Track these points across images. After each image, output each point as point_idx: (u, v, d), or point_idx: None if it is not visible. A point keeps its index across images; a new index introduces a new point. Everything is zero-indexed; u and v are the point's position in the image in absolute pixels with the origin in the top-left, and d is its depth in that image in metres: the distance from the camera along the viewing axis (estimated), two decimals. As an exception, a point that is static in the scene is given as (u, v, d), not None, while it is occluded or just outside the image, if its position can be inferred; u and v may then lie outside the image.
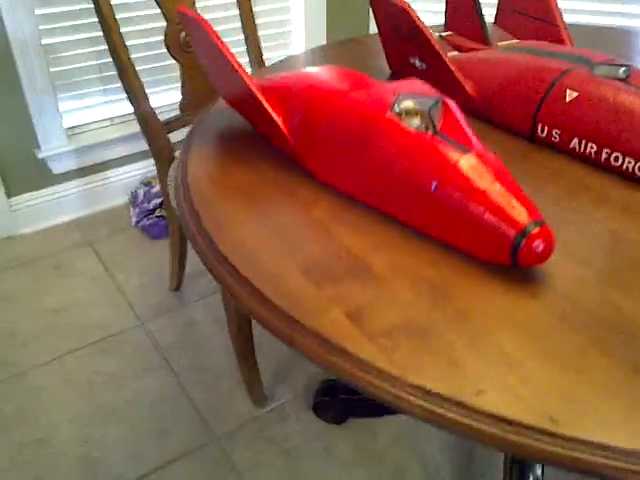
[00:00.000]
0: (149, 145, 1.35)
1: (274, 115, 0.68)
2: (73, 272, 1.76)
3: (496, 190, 0.53)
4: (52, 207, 1.93)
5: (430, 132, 0.58)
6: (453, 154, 0.55)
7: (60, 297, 1.67)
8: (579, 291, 0.51)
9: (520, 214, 0.51)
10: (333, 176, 0.65)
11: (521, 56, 0.79)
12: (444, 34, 0.98)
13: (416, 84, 0.66)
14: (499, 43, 0.92)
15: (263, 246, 0.57)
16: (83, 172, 1.94)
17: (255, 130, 0.77)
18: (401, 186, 0.58)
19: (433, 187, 0.55)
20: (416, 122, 0.60)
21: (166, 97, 1.91)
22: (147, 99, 1.29)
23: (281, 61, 1.06)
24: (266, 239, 0.58)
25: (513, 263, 0.51)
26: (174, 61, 1.34)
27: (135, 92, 1.28)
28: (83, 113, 1.87)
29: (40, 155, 1.82)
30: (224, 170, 0.70)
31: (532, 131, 0.73)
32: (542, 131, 0.71)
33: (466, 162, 0.55)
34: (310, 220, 0.61)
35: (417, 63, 0.87)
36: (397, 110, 0.61)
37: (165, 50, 1.31)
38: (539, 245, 0.50)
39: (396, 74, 0.93)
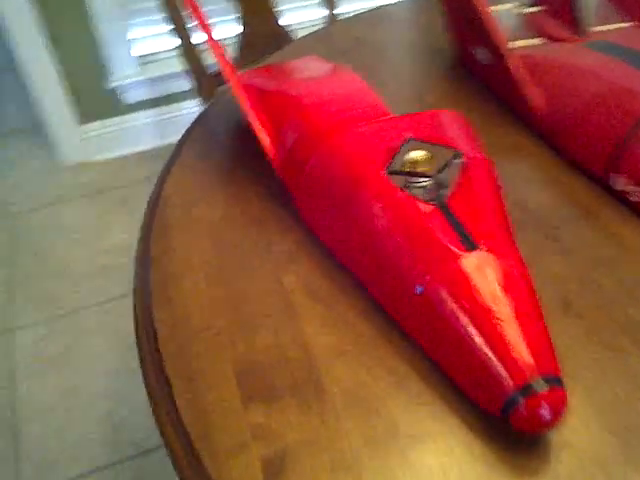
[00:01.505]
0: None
1: (260, 133, 0.54)
2: (139, 208, 1.72)
3: (504, 314, 0.37)
4: (122, 137, 1.87)
5: (434, 204, 0.42)
6: (455, 247, 0.40)
7: (121, 236, 1.64)
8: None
9: (528, 362, 0.36)
10: (315, 223, 0.51)
11: (615, 63, 0.59)
12: (531, 9, 0.77)
13: (444, 123, 0.49)
14: (595, 29, 0.71)
15: (203, 313, 0.45)
16: (154, 103, 1.86)
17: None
18: (382, 268, 0.43)
19: (418, 290, 0.40)
20: (422, 183, 0.44)
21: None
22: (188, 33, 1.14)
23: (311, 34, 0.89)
24: (213, 308, 0.46)
25: (505, 420, 0.37)
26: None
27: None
28: (154, 41, 1.77)
29: (111, 84, 1.75)
30: (195, 200, 0.57)
31: (604, 179, 0.55)
32: (616, 183, 0.53)
33: (470, 263, 0.39)
34: (276, 290, 0.48)
35: (479, 55, 0.69)
36: (399, 162, 0.45)
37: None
38: (544, 411, 0.35)
39: (461, 62, 0.75)
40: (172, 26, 1.14)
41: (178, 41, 1.12)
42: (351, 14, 0.90)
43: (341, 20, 0.90)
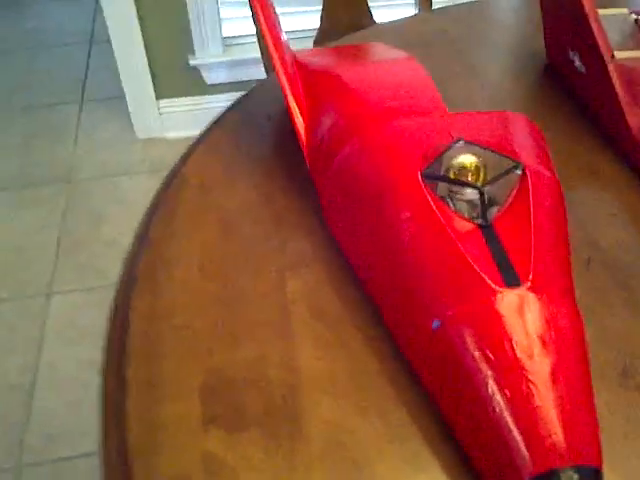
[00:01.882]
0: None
1: (297, 117, 0.47)
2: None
3: (539, 376, 0.29)
4: (197, 117, 1.84)
5: (476, 223, 0.34)
6: (491, 279, 0.31)
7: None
8: None
9: (559, 444, 0.27)
10: (336, 226, 0.43)
11: None
12: (643, 18, 0.67)
13: (509, 127, 0.41)
14: None
15: (187, 309, 0.39)
16: (234, 87, 1.82)
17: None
18: (400, 291, 0.35)
19: (434, 325, 0.32)
20: (468, 194, 0.36)
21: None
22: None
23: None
24: (200, 304, 0.39)
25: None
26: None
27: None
28: (243, 23, 1.73)
29: (193, 62, 1.73)
30: (212, 185, 0.50)
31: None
32: None
33: (507, 302, 0.31)
34: (277, 295, 0.40)
35: (577, 62, 0.59)
36: (443, 166, 0.37)
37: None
38: None
39: (553, 68, 0.65)
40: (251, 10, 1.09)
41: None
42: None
43: (425, 12, 0.82)
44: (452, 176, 0.37)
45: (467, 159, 0.37)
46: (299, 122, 0.47)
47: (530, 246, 0.33)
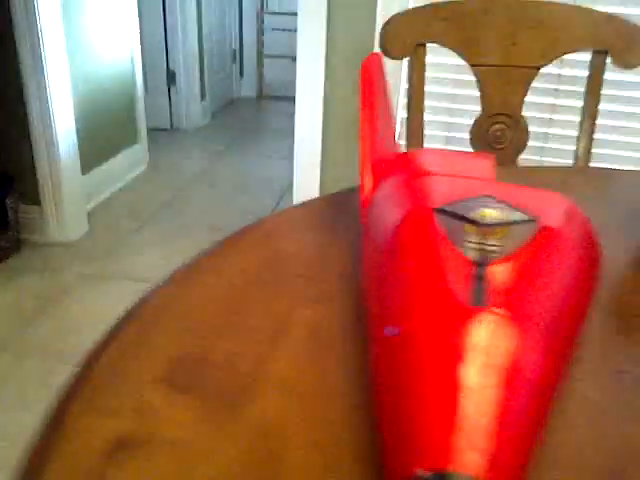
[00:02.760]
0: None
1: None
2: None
3: (472, 398, 0.27)
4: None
5: (470, 259, 0.34)
6: (460, 296, 0.31)
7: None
8: None
9: (453, 446, 0.25)
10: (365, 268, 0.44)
11: None
12: None
13: (545, 203, 0.41)
14: None
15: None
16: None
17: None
18: (378, 296, 0.35)
19: (387, 331, 0.31)
20: (475, 244, 0.36)
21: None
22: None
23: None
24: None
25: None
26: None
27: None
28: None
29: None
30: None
31: None
32: None
33: (466, 319, 0.30)
34: (281, 329, 0.42)
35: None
36: (463, 209, 0.38)
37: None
38: None
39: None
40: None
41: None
42: None
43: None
44: (480, 224, 0.37)
45: (489, 212, 0.37)
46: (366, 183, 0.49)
47: (520, 288, 0.32)
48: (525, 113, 1.83)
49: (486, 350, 0.29)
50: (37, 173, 1.95)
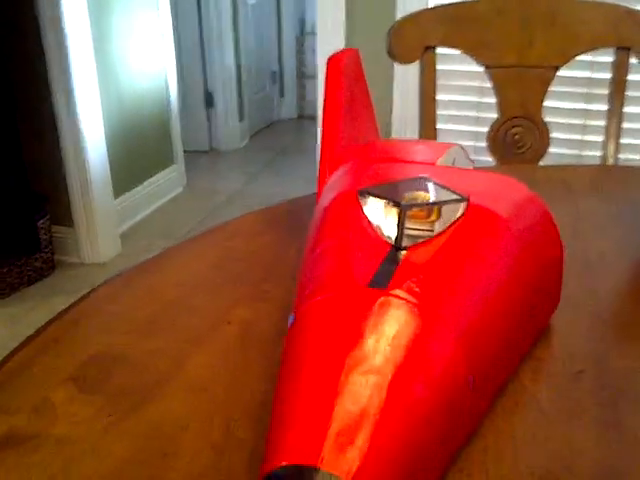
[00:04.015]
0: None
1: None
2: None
3: (355, 378, 0.24)
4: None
5: (388, 241, 0.31)
6: (355, 279, 0.28)
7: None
8: None
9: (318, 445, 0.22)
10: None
11: None
12: None
13: (503, 184, 0.37)
14: None
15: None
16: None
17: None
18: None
19: (289, 321, 0.28)
20: (391, 227, 0.33)
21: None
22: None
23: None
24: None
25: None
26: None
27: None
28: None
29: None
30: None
31: None
32: None
33: (357, 302, 0.27)
34: (212, 328, 0.39)
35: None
36: (399, 199, 0.34)
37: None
38: None
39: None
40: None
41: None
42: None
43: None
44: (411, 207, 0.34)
45: (422, 194, 0.34)
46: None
47: (430, 273, 0.29)
48: (556, 119, 1.77)
49: (376, 337, 0.26)
50: (69, 195, 1.99)
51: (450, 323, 0.27)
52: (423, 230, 0.33)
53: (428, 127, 1.11)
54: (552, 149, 1.75)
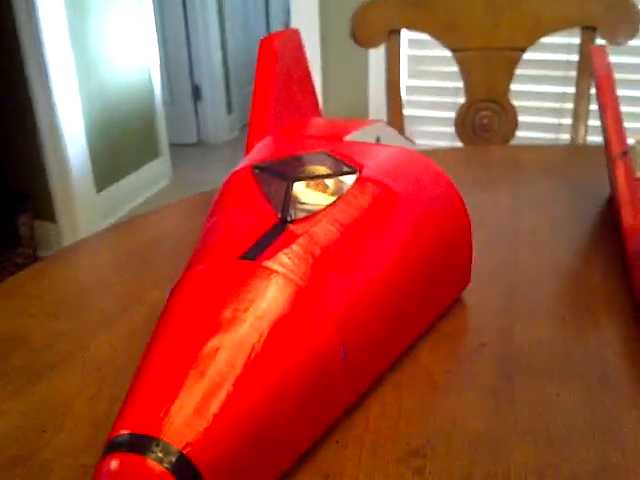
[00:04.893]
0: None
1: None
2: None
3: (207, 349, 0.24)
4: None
5: (276, 214, 0.30)
6: (227, 252, 0.27)
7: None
8: None
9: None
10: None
11: None
12: None
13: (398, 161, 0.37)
14: None
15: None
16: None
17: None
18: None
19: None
20: (280, 201, 0.32)
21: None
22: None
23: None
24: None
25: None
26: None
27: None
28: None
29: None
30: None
31: None
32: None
33: (225, 272, 0.26)
34: (124, 310, 0.39)
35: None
36: (299, 173, 0.34)
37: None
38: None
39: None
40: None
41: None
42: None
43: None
44: (304, 184, 0.33)
45: (319, 169, 0.34)
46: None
47: (307, 247, 0.28)
48: (532, 103, 1.76)
49: (236, 308, 0.25)
50: (50, 190, 1.98)
51: (322, 294, 0.27)
52: (314, 206, 0.32)
53: (395, 112, 1.10)
54: (528, 133, 1.75)
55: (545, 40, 1.19)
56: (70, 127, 1.94)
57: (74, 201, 1.99)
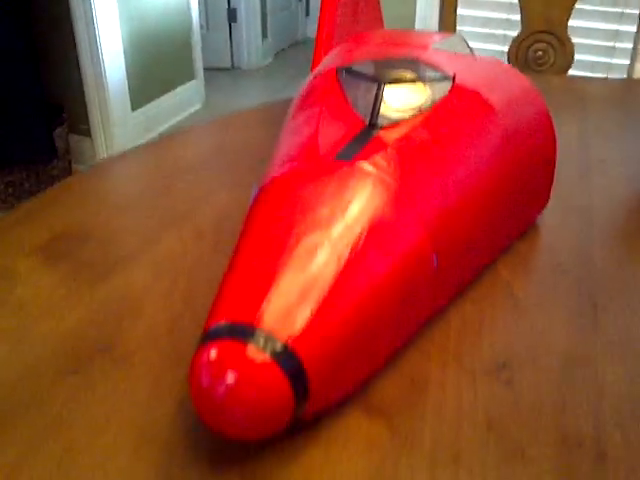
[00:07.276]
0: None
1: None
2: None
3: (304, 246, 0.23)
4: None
5: (363, 118, 0.29)
6: (322, 152, 0.26)
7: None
8: None
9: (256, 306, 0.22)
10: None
11: None
12: None
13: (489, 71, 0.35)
14: None
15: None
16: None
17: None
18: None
19: (255, 190, 0.27)
20: (368, 105, 0.31)
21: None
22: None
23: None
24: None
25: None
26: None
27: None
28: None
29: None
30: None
31: None
32: None
33: (321, 173, 0.25)
34: (189, 214, 0.38)
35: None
36: (382, 77, 0.32)
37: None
38: (209, 369, 0.20)
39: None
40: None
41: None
42: None
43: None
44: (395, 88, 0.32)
45: (407, 74, 0.32)
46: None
47: (400, 150, 0.27)
48: (585, 40, 1.69)
49: (334, 207, 0.24)
50: (86, 105, 1.97)
51: (417, 200, 0.26)
52: (405, 111, 0.31)
53: (447, 26, 1.06)
54: (578, 72, 1.69)
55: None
56: (108, 44, 1.91)
57: (110, 117, 1.98)
